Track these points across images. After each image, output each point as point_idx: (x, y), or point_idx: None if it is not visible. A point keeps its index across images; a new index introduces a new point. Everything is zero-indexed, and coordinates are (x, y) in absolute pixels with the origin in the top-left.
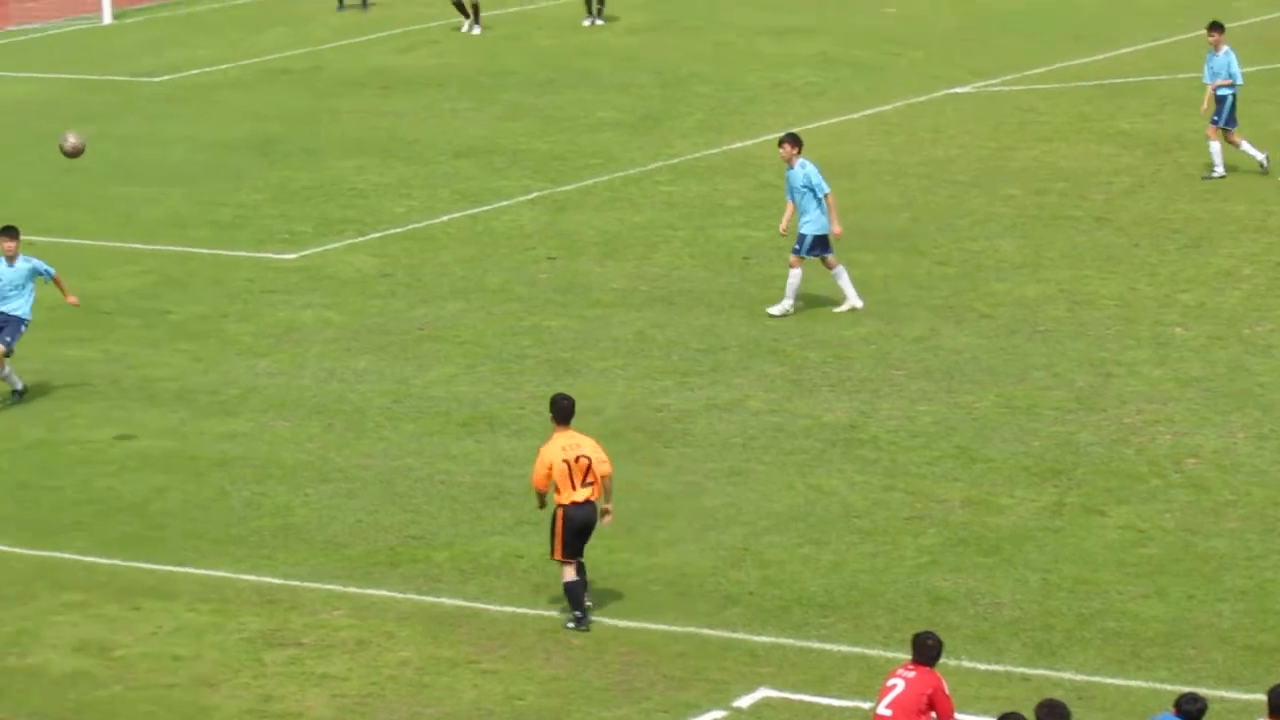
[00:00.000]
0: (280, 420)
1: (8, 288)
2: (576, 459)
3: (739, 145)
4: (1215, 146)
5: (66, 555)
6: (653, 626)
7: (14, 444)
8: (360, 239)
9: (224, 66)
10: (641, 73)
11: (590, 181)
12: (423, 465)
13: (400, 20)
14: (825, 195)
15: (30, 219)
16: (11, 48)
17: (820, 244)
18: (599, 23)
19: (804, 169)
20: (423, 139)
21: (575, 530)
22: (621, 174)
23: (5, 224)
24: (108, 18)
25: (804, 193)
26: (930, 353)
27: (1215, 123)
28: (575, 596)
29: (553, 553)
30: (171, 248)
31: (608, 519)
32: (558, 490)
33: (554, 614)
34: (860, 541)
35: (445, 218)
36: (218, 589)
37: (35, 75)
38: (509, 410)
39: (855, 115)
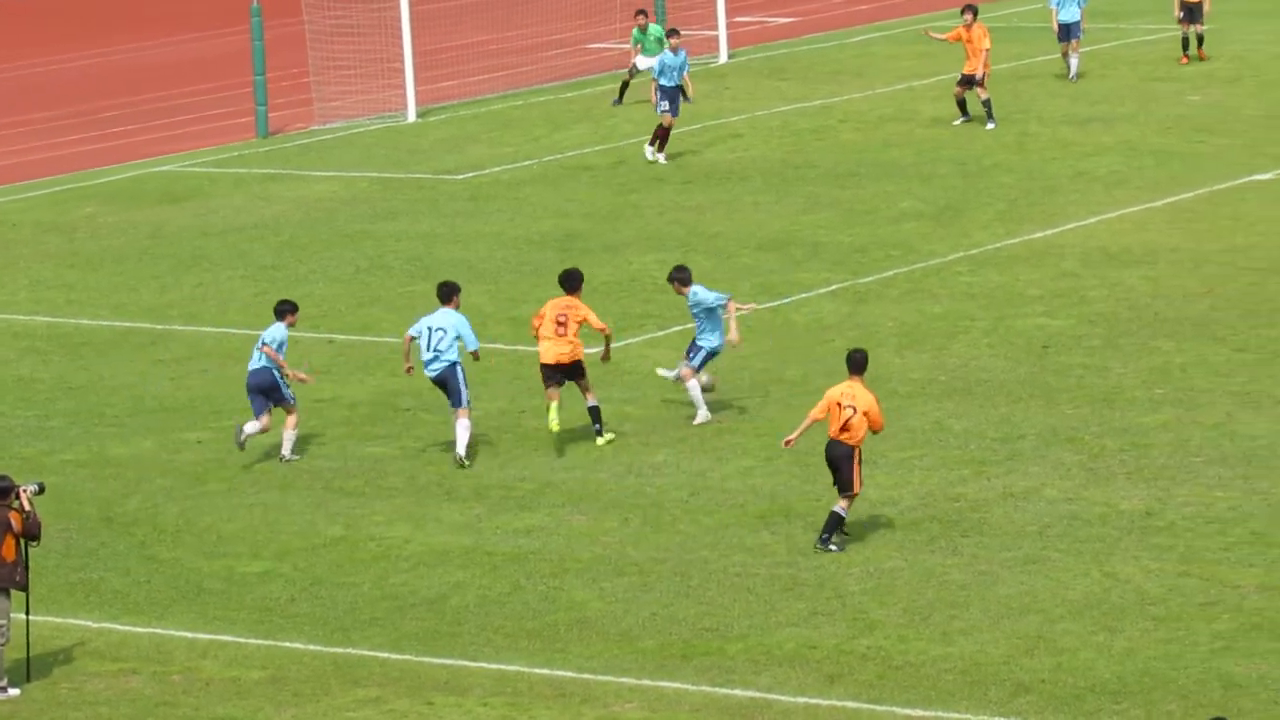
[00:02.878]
0: (577, 514)
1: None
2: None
3: (1040, 235)
4: None
5: (361, 651)
6: (946, 715)
7: (312, 541)
8: (660, 333)
9: (527, 163)
10: (944, 164)
11: (890, 273)
12: (718, 558)
13: (702, 115)
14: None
15: (330, 317)
16: (315, 146)
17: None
18: (660, 159)
19: (695, 295)
20: (724, 232)
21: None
22: (922, 265)
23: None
24: (412, 116)
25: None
26: (1228, 439)
27: None
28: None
29: None
30: None
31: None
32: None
33: (849, 704)
34: (1154, 628)
35: (746, 310)
36: (511, 683)
37: (337, 174)
38: (805, 502)
39: (1157, 203)
